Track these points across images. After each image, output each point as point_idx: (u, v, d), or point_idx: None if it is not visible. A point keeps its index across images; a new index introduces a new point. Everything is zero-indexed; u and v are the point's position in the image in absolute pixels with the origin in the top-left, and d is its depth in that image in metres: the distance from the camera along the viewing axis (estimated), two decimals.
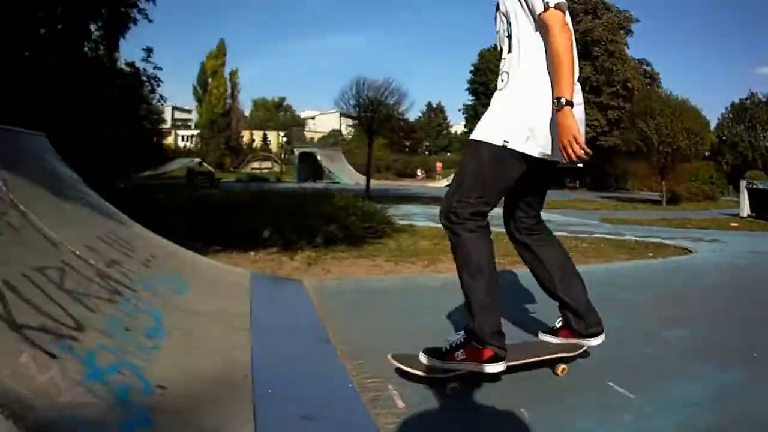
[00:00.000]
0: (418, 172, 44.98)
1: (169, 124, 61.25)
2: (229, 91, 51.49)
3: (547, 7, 1.98)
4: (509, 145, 2.03)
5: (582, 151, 1.93)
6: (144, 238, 3.55)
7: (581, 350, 2.38)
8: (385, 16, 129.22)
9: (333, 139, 45.67)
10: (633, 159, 26.09)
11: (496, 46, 2.29)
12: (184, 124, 69.84)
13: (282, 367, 2.30)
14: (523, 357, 2.26)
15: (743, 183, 16.26)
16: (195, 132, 57.41)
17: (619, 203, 21.67)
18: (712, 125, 47.98)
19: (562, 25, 2.00)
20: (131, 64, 17.05)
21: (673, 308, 3.70)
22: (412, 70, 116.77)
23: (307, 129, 59.81)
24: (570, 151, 1.92)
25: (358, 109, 17.69)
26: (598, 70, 35.02)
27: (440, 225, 2.28)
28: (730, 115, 47.57)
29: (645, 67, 39.47)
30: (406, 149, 57.46)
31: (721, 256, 6.69)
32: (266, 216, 5.80)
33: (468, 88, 56.04)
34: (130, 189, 12.76)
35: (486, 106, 2.23)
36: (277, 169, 43.99)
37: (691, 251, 6.96)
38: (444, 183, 34.46)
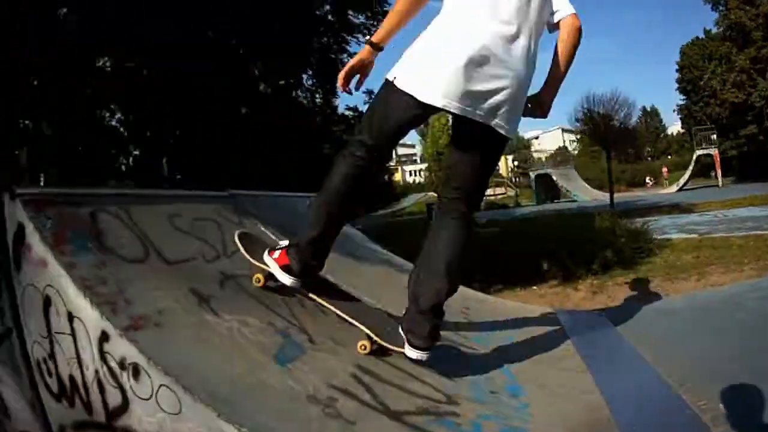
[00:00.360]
0: (647, 180, 42.51)
1: (394, 162, 63.44)
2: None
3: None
4: (396, 82, 1.95)
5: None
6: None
7: (390, 346, 2.04)
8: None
9: (560, 156, 44.89)
10: None
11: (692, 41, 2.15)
12: (410, 159, 73.51)
13: (635, 405, 2.21)
14: (326, 298, 2.16)
15: None
16: (422, 166, 59.21)
17: None
18: None
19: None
20: (353, 109, 16.39)
21: None
22: (618, 77, 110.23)
23: (533, 150, 59.68)
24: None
25: (590, 126, 17.26)
26: None
27: (691, 235, 2.16)
28: None
29: None
30: (632, 158, 54.27)
31: None
32: (537, 247, 6.00)
33: (678, 88, 51.31)
34: (372, 230, 13.59)
35: (696, 103, 2.02)
36: (511, 193, 44.35)
37: None
38: (674, 188, 32.14)
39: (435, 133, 51.94)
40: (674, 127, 63.10)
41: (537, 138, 72.79)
